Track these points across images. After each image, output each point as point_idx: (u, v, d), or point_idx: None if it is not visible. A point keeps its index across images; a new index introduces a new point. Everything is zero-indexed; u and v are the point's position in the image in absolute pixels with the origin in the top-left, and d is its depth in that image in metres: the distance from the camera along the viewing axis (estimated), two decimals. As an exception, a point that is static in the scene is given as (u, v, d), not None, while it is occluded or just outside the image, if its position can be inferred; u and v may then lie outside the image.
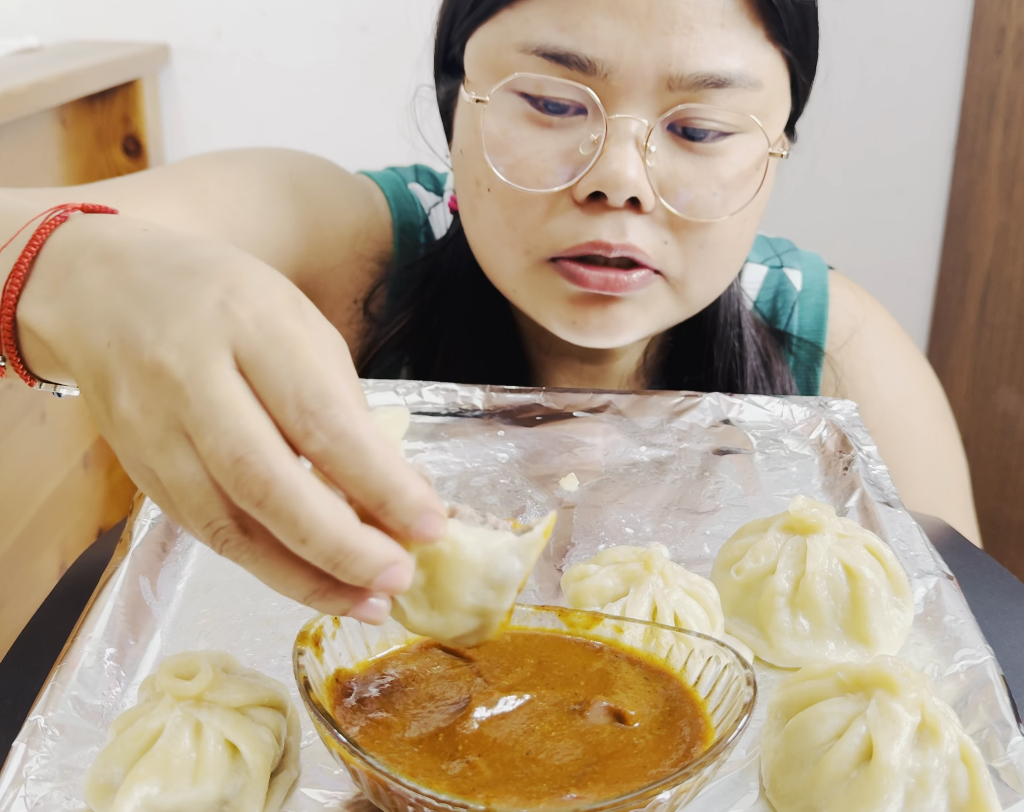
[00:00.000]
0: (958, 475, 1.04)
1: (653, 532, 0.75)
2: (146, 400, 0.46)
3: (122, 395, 0.47)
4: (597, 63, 0.77)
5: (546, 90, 0.79)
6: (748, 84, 0.79)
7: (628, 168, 0.77)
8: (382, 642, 0.57)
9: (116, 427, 0.48)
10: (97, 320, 0.50)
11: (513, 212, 0.82)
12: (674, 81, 0.77)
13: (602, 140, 0.78)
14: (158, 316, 0.47)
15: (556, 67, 0.78)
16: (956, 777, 0.50)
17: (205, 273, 0.49)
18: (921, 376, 1.05)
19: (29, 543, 1.56)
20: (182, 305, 0.47)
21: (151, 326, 0.47)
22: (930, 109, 1.94)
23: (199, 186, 0.91)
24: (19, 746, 0.52)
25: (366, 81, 1.93)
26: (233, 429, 0.44)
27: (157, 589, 0.66)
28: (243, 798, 0.50)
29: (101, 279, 0.51)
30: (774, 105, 0.83)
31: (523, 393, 0.88)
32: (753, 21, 0.79)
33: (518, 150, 0.80)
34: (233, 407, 0.44)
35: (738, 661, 0.54)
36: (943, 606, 0.65)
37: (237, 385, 0.45)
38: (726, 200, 0.81)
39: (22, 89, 1.46)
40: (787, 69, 0.83)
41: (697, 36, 0.77)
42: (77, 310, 0.51)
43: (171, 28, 1.93)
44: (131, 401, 0.47)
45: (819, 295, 1.03)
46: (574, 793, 0.48)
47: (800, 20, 0.82)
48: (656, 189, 0.79)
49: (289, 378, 0.45)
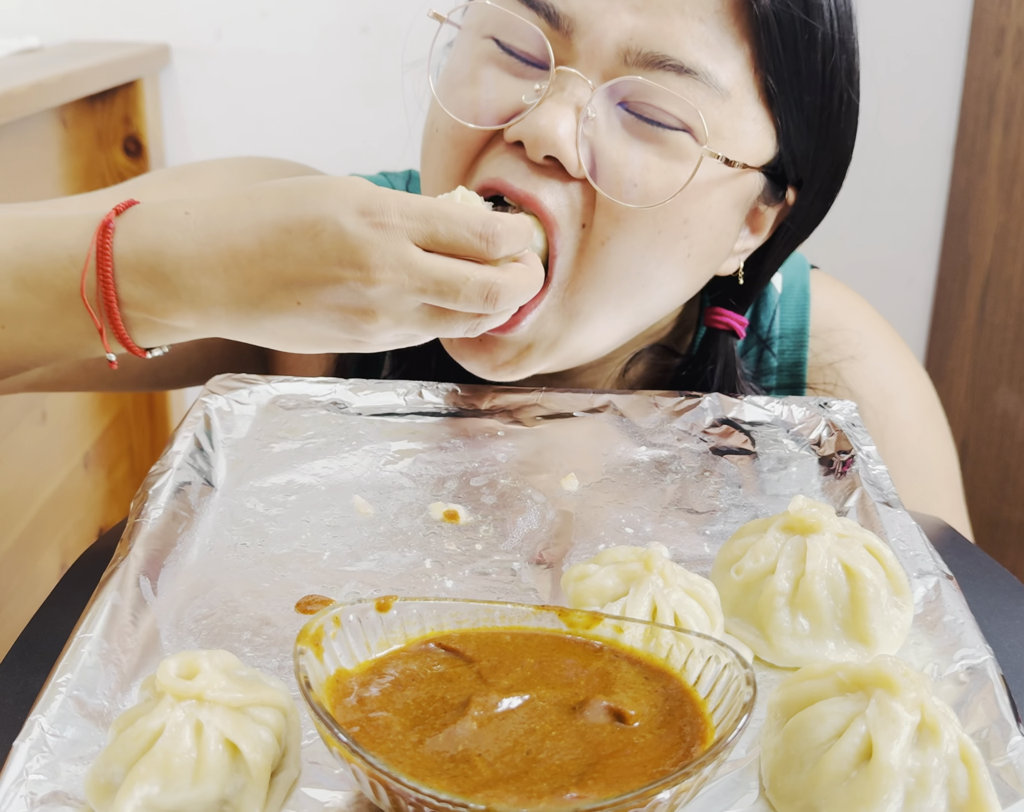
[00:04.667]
0: (946, 474, 1.03)
1: (653, 532, 0.75)
2: (386, 306, 0.65)
3: (373, 324, 0.66)
4: (563, 18, 0.77)
5: (510, 32, 0.79)
6: (712, 86, 0.77)
7: (556, 126, 0.76)
8: (382, 642, 0.57)
9: (366, 335, 0.67)
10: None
11: (454, 150, 0.81)
12: (631, 55, 0.76)
13: (544, 92, 0.77)
14: (349, 260, 0.64)
15: (527, 11, 0.78)
16: (956, 777, 0.50)
17: (323, 219, 0.64)
18: (908, 372, 1.03)
19: (30, 543, 1.56)
20: (356, 243, 0.63)
21: (355, 270, 0.64)
22: (929, 109, 1.94)
23: None
24: (20, 746, 0.52)
25: (366, 81, 1.93)
26: (471, 281, 0.66)
27: (158, 589, 0.66)
28: (243, 798, 0.50)
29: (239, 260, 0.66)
30: (736, 129, 0.79)
31: (523, 393, 0.88)
32: (737, 37, 0.77)
33: (472, 86, 0.81)
34: (444, 268, 0.65)
35: (738, 661, 0.54)
36: (943, 606, 0.65)
37: (441, 259, 0.65)
38: (645, 190, 0.78)
39: (23, 89, 1.46)
40: (766, 105, 0.80)
41: (668, 20, 0.76)
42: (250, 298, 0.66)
43: (172, 29, 1.94)
44: (382, 319, 0.66)
45: (800, 295, 1.01)
46: (574, 792, 0.48)
47: (791, 53, 0.79)
48: (584, 157, 0.77)
49: (461, 229, 0.65)
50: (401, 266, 0.64)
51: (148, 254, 0.67)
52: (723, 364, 0.94)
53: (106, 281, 0.67)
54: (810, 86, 0.81)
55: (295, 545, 0.72)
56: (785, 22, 0.78)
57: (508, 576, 0.70)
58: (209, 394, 0.84)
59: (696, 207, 0.80)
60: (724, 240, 0.85)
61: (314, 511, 0.75)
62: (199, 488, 0.76)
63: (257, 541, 0.72)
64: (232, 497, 0.76)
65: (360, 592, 0.67)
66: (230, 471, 0.79)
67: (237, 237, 0.66)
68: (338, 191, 0.65)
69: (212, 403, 0.83)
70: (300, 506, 0.76)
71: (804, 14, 0.79)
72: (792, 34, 0.79)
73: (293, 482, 0.78)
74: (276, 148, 1.93)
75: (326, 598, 0.66)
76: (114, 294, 0.67)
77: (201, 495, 0.75)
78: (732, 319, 0.93)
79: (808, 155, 0.84)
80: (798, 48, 0.79)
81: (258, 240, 0.65)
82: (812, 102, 0.82)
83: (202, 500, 0.75)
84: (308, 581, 0.68)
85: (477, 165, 0.81)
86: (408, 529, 0.74)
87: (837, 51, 0.82)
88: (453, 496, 0.78)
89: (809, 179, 0.86)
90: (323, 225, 0.64)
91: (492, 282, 0.66)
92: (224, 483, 0.78)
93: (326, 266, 0.64)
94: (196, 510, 0.74)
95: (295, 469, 0.80)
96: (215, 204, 0.68)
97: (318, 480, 0.79)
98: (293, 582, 0.68)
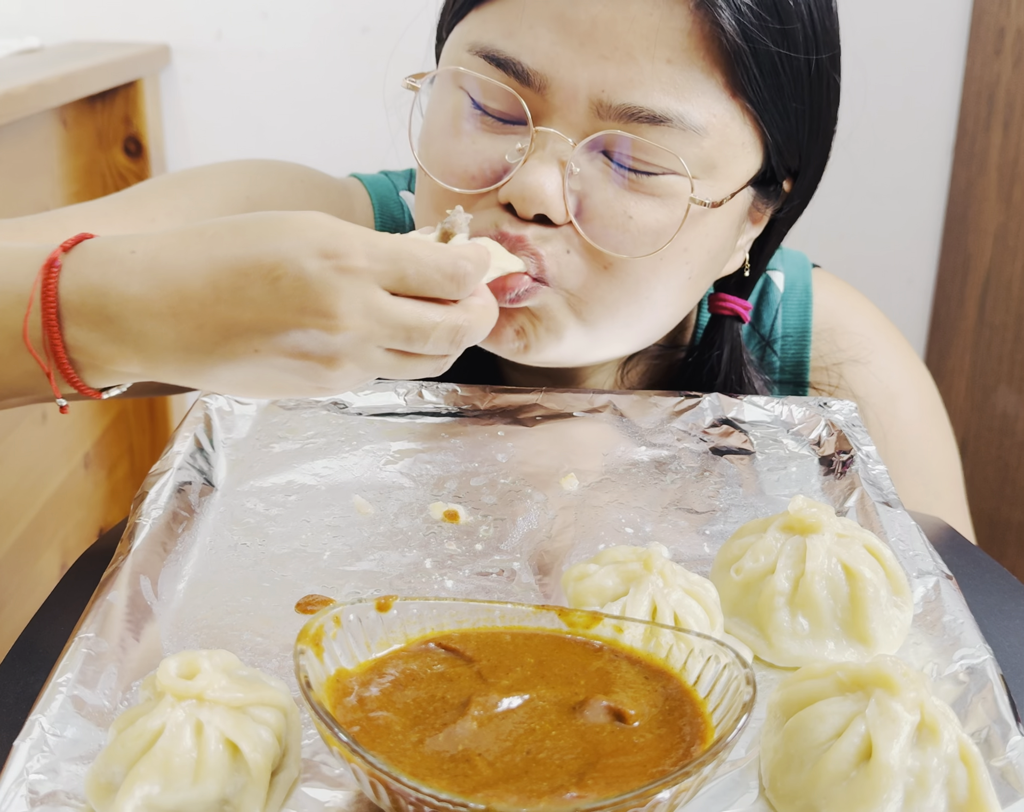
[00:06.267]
0: (948, 473, 1.03)
1: (653, 532, 0.75)
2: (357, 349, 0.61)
3: (337, 371, 0.62)
4: (532, 75, 0.76)
5: (484, 94, 0.79)
6: (688, 127, 0.76)
7: (544, 185, 0.76)
8: (382, 642, 0.57)
9: (329, 382, 0.63)
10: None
11: (447, 203, 0.81)
12: (604, 109, 0.76)
13: (527, 150, 0.77)
14: (309, 305, 0.60)
15: (496, 71, 0.78)
16: (955, 776, 0.50)
17: (283, 263, 0.60)
18: (911, 371, 1.03)
19: (30, 543, 1.56)
20: (320, 288, 0.59)
21: (320, 317, 0.60)
22: (929, 110, 1.94)
23: (148, 215, 0.91)
24: (20, 746, 0.52)
25: (367, 82, 1.93)
26: (440, 326, 0.63)
27: (158, 589, 0.66)
28: (244, 797, 0.50)
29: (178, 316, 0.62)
30: (723, 157, 0.79)
31: (523, 393, 0.88)
32: (708, 67, 0.76)
33: (454, 145, 0.80)
34: (414, 314, 0.62)
35: (737, 660, 0.54)
36: (942, 606, 0.65)
37: (408, 303, 0.62)
38: (638, 240, 0.78)
39: (23, 89, 1.46)
40: (752, 123, 0.79)
41: (637, 67, 0.75)
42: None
43: (172, 29, 1.94)
44: (347, 366, 0.62)
45: (802, 294, 1.02)
46: (574, 792, 0.48)
47: (770, 77, 0.78)
48: (572, 209, 0.78)
49: (432, 271, 0.62)
50: (370, 313, 0.60)
51: (92, 295, 0.62)
52: (729, 350, 0.94)
53: (50, 324, 0.62)
54: (795, 94, 0.80)
55: (295, 545, 0.72)
56: (760, 48, 0.77)
57: (508, 576, 0.70)
58: (209, 394, 0.84)
59: (694, 235, 0.80)
60: (724, 254, 0.86)
61: (314, 511, 0.75)
62: (199, 488, 0.76)
63: (257, 541, 0.72)
64: (232, 497, 0.76)
65: (360, 592, 0.67)
66: (230, 471, 0.79)
67: (187, 279, 0.61)
68: (298, 230, 0.60)
69: (212, 403, 0.84)
70: (300, 506, 0.76)
71: (779, 24, 0.77)
72: (768, 56, 0.77)
73: (293, 482, 0.78)
74: (276, 148, 1.93)
75: (326, 598, 0.66)
76: (59, 337, 0.62)
77: (201, 495, 0.75)
78: (736, 304, 0.94)
79: (800, 149, 0.84)
80: (777, 66, 0.78)
81: (211, 283, 0.60)
82: (799, 108, 0.81)
83: (202, 500, 0.75)
84: (308, 581, 0.68)
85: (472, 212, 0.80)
86: (408, 529, 0.74)
87: (820, 43, 0.80)
88: (453, 496, 0.78)
89: (804, 167, 0.87)
90: (283, 268, 0.59)
91: (459, 325, 0.64)
92: (224, 483, 0.78)
93: (287, 313, 0.59)
94: (196, 510, 0.74)
95: (295, 469, 0.80)
96: (164, 242, 0.63)
97: (318, 480, 0.79)
98: (293, 582, 0.68)
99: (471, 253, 0.64)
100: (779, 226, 0.91)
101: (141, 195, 0.94)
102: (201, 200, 0.93)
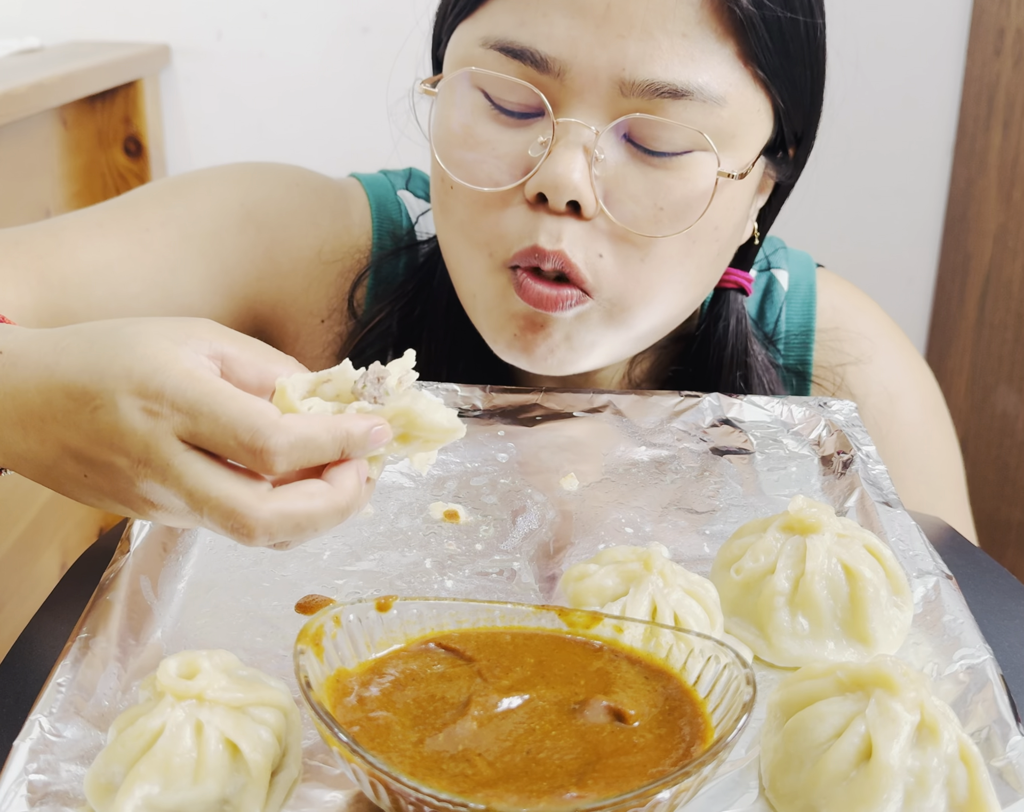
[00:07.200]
0: (951, 474, 1.03)
1: (653, 532, 0.75)
2: (156, 500, 0.57)
3: (155, 511, 0.58)
4: (551, 61, 0.77)
5: (501, 89, 0.79)
6: (709, 99, 0.77)
7: (572, 172, 0.76)
8: (382, 641, 0.57)
9: (146, 517, 0.59)
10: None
11: (475, 210, 0.81)
12: (627, 86, 0.76)
13: (550, 142, 0.77)
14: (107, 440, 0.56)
15: (512, 63, 0.78)
16: (955, 776, 0.50)
17: (103, 394, 0.56)
18: (914, 371, 1.04)
19: (30, 543, 1.56)
20: (126, 429, 0.56)
21: (122, 455, 0.56)
22: (929, 110, 1.94)
23: (143, 224, 0.91)
24: (20, 746, 0.52)
25: (367, 82, 1.93)
26: (213, 501, 0.54)
27: (158, 589, 0.66)
28: (244, 797, 0.50)
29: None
30: (742, 126, 0.80)
31: (523, 393, 0.88)
32: (721, 36, 0.77)
33: (475, 146, 0.80)
34: (204, 483, 0.55)
35: (737, 660, 0.54)
36: (942, 606, 0.65)
37: (201, 464, 0.55)
38: (670, 219, 0.79)
39: (23, 89, 1.46)
40: (763, 91, 0.81)
41: (655, 42, 0.76)
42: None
43: (172, 29, 1.94)
44: (148, 510, 0.58)
45: (806, 293, 1.02)
46: (574, 792, 0.48)
47: (778, 42, 0.79)
48: (600, 196, 0.78)
49: (226, 436, 0.54)
50: (160, 464, 0.55)
51: None
52: (735, 321, 0.95)
53: None
54: (800, 59, 0.82)
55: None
56: (768, 14, 0.78)
57: (508, 576, 0.70)
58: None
59: (723, 212, 0.81)
60: (744, 225, 0.87)
61: (314, 511, 0.75)
62: (199, 488, 0.76)
63: (257, 541, 0.72)
64: (232, 497, 0.76)
65: (360, 592, 0.67)
66: (230, 471, 0.79)
67: (31, 395, 0.59)
68: (128, 362, 0.56)
69: (212, 403, 0.83)
70: (300, 506, 0.76)
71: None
72: (776, 22, 0.79)
73: (293, 482, 0.78)
74: (276, 149, 1.93)
75: (326, 598, 0.66)
76: None
77: (201, 495, 0.75)
78: (740, 276, 0.95)
79: (804, 113, 0.86)
80: (783, 33, 0.80)
81: (47, 402, 0.58)
82: (803, 72, 0.83)
83: (202, 500, 0.75)
84: (308, 581, 0.68)
85: (500, 224, 0.81)
86: (408, 529, 0.74)
87: (815, 8, 0.82)
88: (453, 496, 0.78)
89: (806, 132, 0.88)
90: (101, 401, 0.56)
91: (238, 513, 0.54)
92: (224, 483, 0.78)
93: (101, 447, 0.57)
94: (196, 510, 0.74)
95: (295, 469, 0.79)
96: (28, 346, 0.60)
97: (318, 480, 0.79)
98: (293, 582, 0.68)
99: (310, 430, 0.55)
100: (781, 193, 0.92)
101: (136, 203, 0.93)
102: (195, 208, 0.93)
